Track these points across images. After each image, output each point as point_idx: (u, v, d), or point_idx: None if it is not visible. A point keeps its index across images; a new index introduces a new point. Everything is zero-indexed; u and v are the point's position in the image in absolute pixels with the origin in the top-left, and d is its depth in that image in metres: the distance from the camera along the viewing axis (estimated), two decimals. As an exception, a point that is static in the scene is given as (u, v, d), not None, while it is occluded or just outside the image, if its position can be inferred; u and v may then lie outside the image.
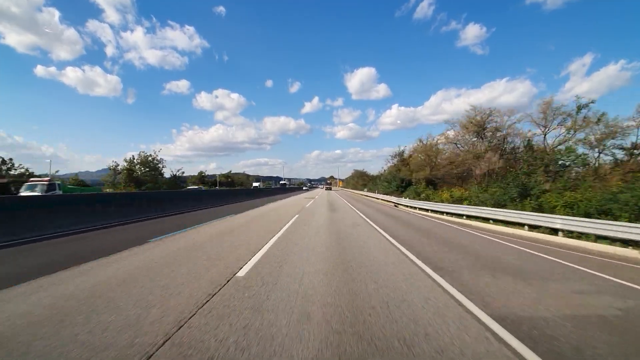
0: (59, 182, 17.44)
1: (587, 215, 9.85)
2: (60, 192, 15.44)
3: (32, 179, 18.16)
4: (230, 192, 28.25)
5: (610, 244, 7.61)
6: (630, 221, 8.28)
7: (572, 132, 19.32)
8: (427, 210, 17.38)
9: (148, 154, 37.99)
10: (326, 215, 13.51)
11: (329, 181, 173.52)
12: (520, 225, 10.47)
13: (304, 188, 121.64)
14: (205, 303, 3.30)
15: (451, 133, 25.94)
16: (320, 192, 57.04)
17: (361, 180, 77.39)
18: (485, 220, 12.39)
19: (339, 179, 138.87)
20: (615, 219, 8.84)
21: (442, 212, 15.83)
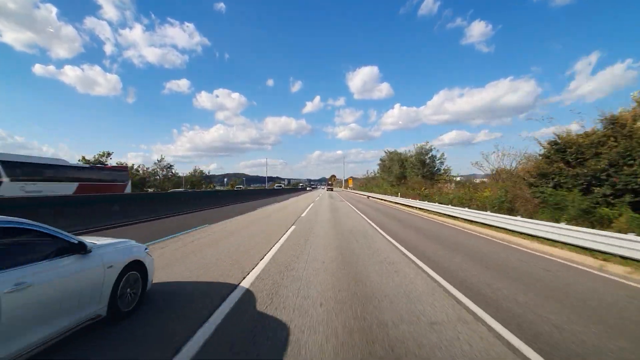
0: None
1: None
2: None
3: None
4: None
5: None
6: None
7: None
8: None
9: None
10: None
11: (329, 182, 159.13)
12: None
13: (307, 189, 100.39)
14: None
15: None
16: (318, 197, 35.62)
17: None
18: None
19: (349, 177, 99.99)
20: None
21: None
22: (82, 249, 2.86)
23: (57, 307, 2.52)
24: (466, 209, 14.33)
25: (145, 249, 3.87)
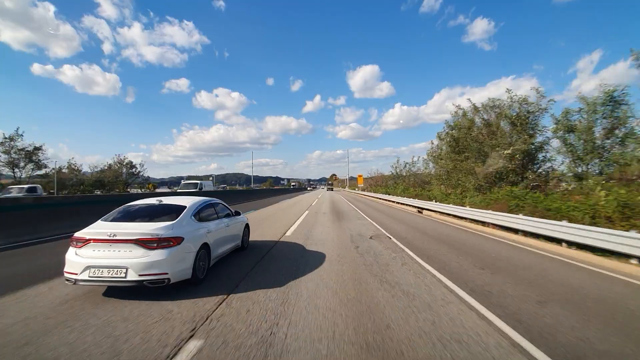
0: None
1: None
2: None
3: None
4: None
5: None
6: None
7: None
8: None
9: None
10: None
11: (329, 182, 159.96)
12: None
13: (308, 189, 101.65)
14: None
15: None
16: (306, 212, 16.83)
17: None
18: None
19: (358, 174, 70.29)
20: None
21: None
22: (236, 214, 6.47)
23: (231, 237, 6.09)
24: None
25: (246, 220, 7.44)
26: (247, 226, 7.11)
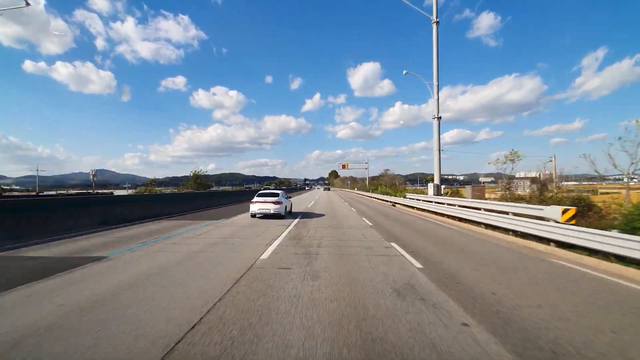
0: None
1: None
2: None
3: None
4: None
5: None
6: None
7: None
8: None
9: None
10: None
11: (327, 181, 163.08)
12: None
13: (306, 188, 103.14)
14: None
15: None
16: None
17: None
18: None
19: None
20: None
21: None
22: (289, 197, 16.18)
23: (288, 206, 15.71)
24: None
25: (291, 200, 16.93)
26: (291, 203, 16.63)
